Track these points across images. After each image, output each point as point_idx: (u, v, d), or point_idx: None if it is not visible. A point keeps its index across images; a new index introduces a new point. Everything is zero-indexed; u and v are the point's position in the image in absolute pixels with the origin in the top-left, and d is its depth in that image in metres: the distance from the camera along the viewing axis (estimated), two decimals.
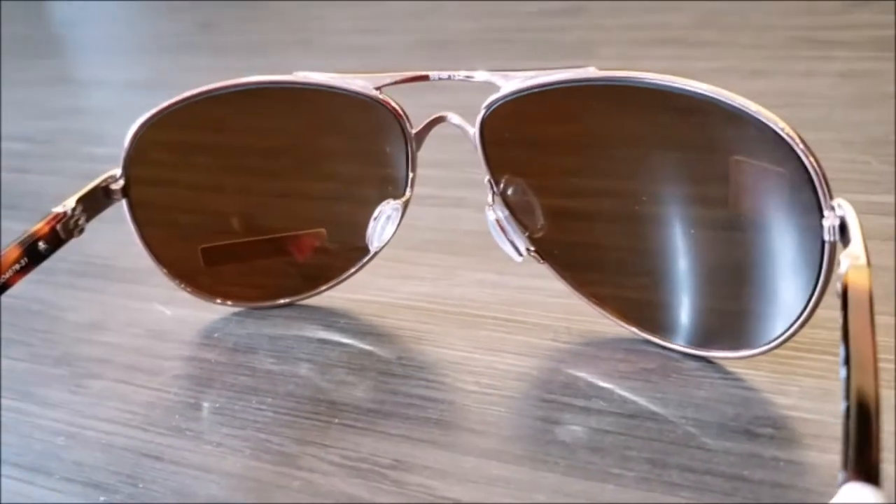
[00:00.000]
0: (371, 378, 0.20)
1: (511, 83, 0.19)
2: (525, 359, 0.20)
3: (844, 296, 0.14)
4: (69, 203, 0.21)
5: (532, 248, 0.20)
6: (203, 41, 0.60)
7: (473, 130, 0.20)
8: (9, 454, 0.20)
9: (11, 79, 0.57)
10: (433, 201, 0.27)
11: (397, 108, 0.20)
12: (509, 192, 0.20)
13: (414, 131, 0.20)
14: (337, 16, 0.58)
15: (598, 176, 0.19)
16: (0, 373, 0.22)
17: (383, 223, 0.21)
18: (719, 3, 0.43)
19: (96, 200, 0.22)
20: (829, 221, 0.16)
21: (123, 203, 0.22)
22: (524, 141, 0.20)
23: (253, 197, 0.22)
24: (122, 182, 0.22)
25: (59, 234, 0.21)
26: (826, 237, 0.16)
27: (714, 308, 0.19)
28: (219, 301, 0.23)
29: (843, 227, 0.16)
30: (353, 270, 0.22)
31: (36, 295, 0.26)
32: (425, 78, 0.20)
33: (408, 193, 0.21)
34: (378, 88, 0.20)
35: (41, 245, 0.20)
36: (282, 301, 0.23)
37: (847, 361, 0.13)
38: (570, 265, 0.20)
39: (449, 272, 0.24)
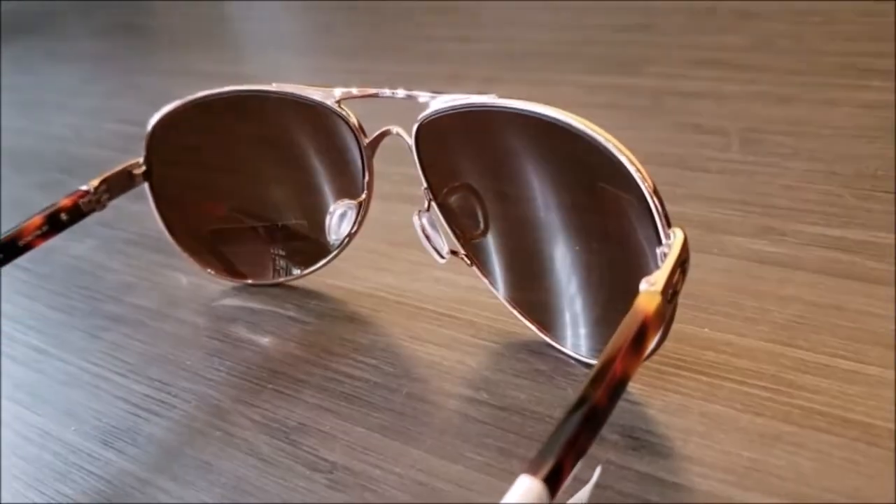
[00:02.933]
0: (314, 353, 0.23)
1: (435, 103, 0.21)
2: (443, 350, 0.23)
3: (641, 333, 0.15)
4: (93, 182, 0.26)
5: (462, 252, 0.23)
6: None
7: (410, 142, 0.22)
8: (14, 389, 0.25)
9: (133, 67, 0.64)
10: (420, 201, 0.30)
11: (353, 120, 0.23)
12: (446, 198, 0.23)
13: (367, 141, 0.23)
14: (434, 22, 0.62)
15: (504, 189, 0.21)
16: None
17: (338, 219, 0.24)
18: (782, 24, 0.42)
19: (121, 182, 0.26)
20: (661, 250, 0.17)
21: (146, 186, 0.27)
22: (448, 153, 0.22)
23: (244, 188, 0.26)
24: (143, 168, 0.26)
25: (81, 207, 0.25)
26: (655, 264, 0.17)
27: (596, 319, 0.20)
28: (217, 275, 0.27)
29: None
30: (324, 261, 0.26)
31: (93, 258, 0.31)
32: (375, 95, 0.23)
33: (364, 194, 0.24)
34: (339, 101, 0.23)
35: (63, 216, 0.25)
36: (271, 281, 0.27)
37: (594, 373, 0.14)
38: (490, 269, 0.23)
39: (415, 268, 0.26)
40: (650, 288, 0.16)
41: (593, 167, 0.19)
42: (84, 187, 0.25)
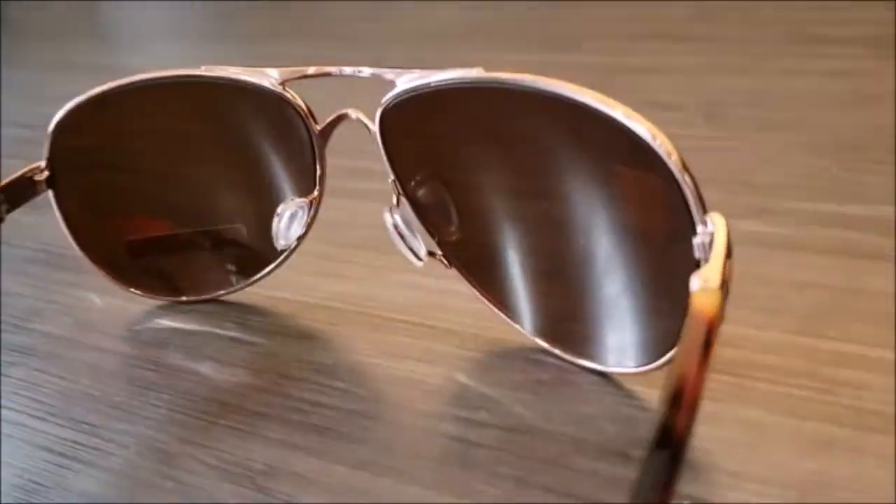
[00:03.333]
0: (268, 380, 0.20)
1: (404, 81, 0.18)
2: (425, 366, 0.20)
3: (689, 321, 0.13)
4: None
5: (438, 253, 0.20)
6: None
7: (374, 128, 0.19)
8: None
9: (12, 61, 0.58)
10: (375, 196, 0.27)
11: (301, 104, 0.20)
12: (417, 192, 0.20)
13: (318, 128, 0.20)
14: (343, 5, 0.58)
15: (493, 178, 0.19)
16: None
17: (287, 221, 0.21)
18: None
19: (20, 191, 0.22)
20: (700, 239, 0.15)
21: (50, 194, 0.23)
22: (422, 140, 0.19)
23: (169, 190, 0.22)
24: (46, 173, 0.22)
25: None
26: (697, 255, 0.15)
27: (609, 322, 0.18)
28: (143, 293, 0.24)
29: (712, 245, 0.15)
30: (268, 269, 0.22)
31: None
32: (328, 74, 0.20)
33: (316, 191, 0.21)
34: (283, 84, 0.20)
35: None
36: (204, 297, 0.23)
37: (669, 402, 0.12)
38: (476, 271, 0.20)
39: (374, 272, 0.23)
40: (706, 285, 0.14)
41: (607, 147, 0.16)
42: None
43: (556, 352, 0.19)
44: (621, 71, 0.32)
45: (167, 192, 0.22)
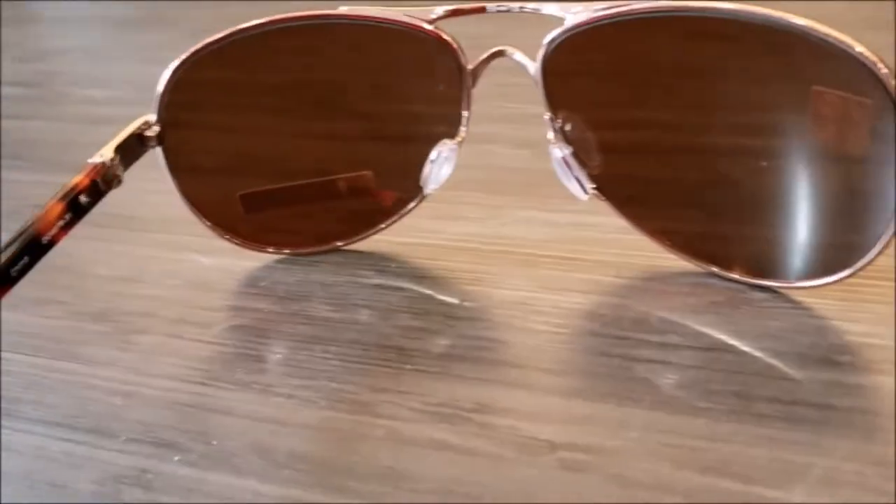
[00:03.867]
0: (436, 322, 0.20)
1: (575, 16, 0.18)
2: (591, 296, 0.20)
3: None
4: (106, 153, 0.20)
5: (594, 186, 0.20)
6: None
7: (535, 66, 0.19)
8: (63, 417, 0.19)
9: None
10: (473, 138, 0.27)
11: (452, 42, 0.19)
12: (568, 128, 0.20)
13: (470, 67, 0.20)
14: None
15: (665, 110, 0.19)
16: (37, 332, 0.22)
17: (440, 164, 0.20)
18: None
19: (132, 148, 0.21)
20: None
21: (158, 150, 0.21)
22: (588, 76, 0.19)
23: (298, 140, 0.22)
24: (157, 129, 0.21)
25: (100, 185, 0.20)
26: None
27: (784, 239, 0.19)
28: (264, 249, 0.23)
29: None
30: (403, 212, 0.22)
31: (56, 250, 0.25)
32: (482, 10, 0.19)
33: (463, 133, 0.20)
34: (431, 22, 0.19)
35: (83, 198, 0.19)
36: (327, 247, 0.23)
37: None
38: (632, 201, 0.20)
39: (494, 211, 0.24)
40: None
41: (811, 71, 0.17)
42: (96, 159, 0.20)
43: (723, 273, 0.20)
44: None
45: (287, 143, 0.22)
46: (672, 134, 0.19)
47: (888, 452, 0.15)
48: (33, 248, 0.18)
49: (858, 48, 0.16)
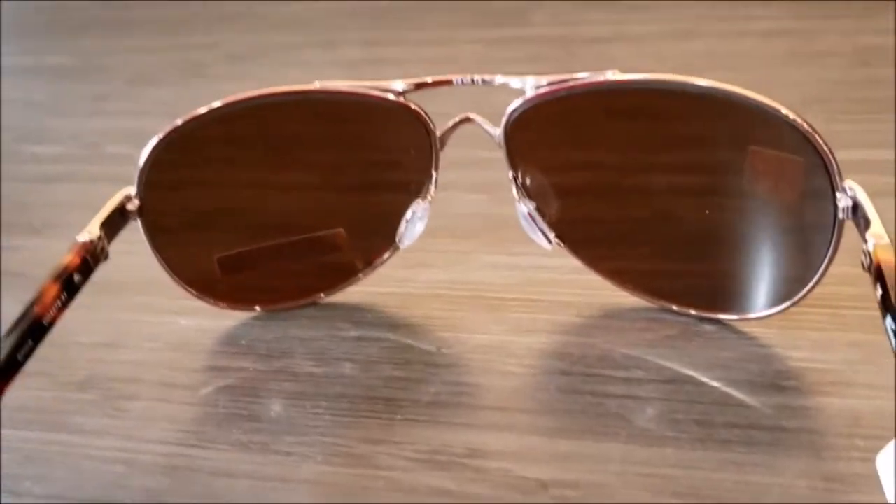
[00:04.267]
0: (418, 371, 0.22)
1: (533, 88, 0.20)
2: (557, 337, 0.22)
3: (879, 271, 0.16)
4: (93, 230, 0.21)
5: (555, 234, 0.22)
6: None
7: (499, 132, 0.21)
8: (66, 490, 0.20)
9: None
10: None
11: (420, 111, 0.21)
12: (528, 183, 0.22)
13: (439, 133, 0.21)
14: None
15: (615, 165, 0.21)
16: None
17: (414, 222, 0.22)
18: None
19: (115, 223, 0.22)
20: (843, 202, 0.18)
21: (139, 222, 0.22)
22: (545, 140, 0.21)
23: (275, 205, 0.23)
24: (137, 202, 0.22)
25: (90, 262, 0.21)
26: (840, 216, 0.18)
27: (729, 275, 0.21)
28: (242, 307, 0.24)
29: (856, 207, 0.18)
30: (377, 265, 0.23)
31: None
32: (448, 83, 0.21)
33: (432, 192, 0.22)
34: (399, 94, 0.21)
35: (76, 277, 0.20)
36: (303, 301, 0.24)
37: None
38: (588, 245, 0.22)
39: (460, 257, 0.25)
40: (880, 242, 0.17)
41: (742, 130, 0.19)
42: (83, 237, 0.21)
43: (675, 308, 0.22)
44: (579, 41, 0.35)
45: (265, 209, 0.23)
46: (622, 185, 0.21)
47: (837, 467, 0.18)
48: (35, 331, 0.19)
49: (785, 111, 0.18)
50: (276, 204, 0.23)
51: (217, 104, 0.21)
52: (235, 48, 0.40)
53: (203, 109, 0.21)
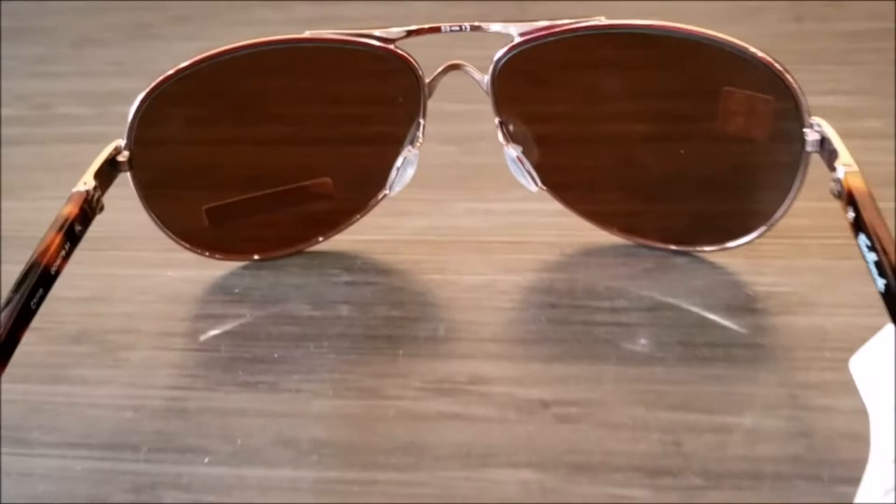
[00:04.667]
0: (414, 310, 0.23)
1: (522, 34, 0.21)
2: (543, 274, 0.23)
3: (850, 196, 0.18)
4: (88, 181, 0.21)
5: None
6: None
7: (486, 78, 0.22)
8: (77, 437, 0.20)
9: None
10: None
11: (410, 58, 0.22)
12: (512, 129, 0.23)
13: (427, 80, 0.22)
14: None
15: (596, 110, 0.22)
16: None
17: (405, 168, 0.23)
18: None
19: (106, 174, 0.22)
20: (811, 137, 0.20)
21: (128, 174, 0.22)
22: (531, 86, 0.22)
23: (264, 154, 0.23)
24: (126, 153, 0.22)
25: (87, 212, 0.21)
26: (808, 149, 0.20)
27: (702, 211, 0.23)
28: (232, 257, 0.24)
29: (823, 141, 0.20)
30: (364, 213, 0.24)
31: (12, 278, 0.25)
32: (437, 30, 0.22)
33: (420, 139, 0.23)
34: (390, 41, 0.22)
35: (76, 227, 0.20)
36: (291, 250, 0.24)
37: (873, 247, 0.17)
38: (569, 188, 0.23)
39: (440, 206, 0.26)
40: (850, 169, 0.19)
41: (717, 72, 0.20)
42: (80, 188, 0.21)
43: (650, 244, 0.23)
44: None
45: (254, 158, 0.23)
46: (602, 129, 0.23)
47: (810, 377, 0.19)
48: (44, 279, 0.19)
49: (760, 53, 0.20)
50: (265, 155, 0.23)
51: (205, 55, 0.21)
52: (183, 9, 0.40)
53: (190, 61, 0.21)
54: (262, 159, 0.23)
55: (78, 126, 0.32)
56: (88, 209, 0.21)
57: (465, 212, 0.26)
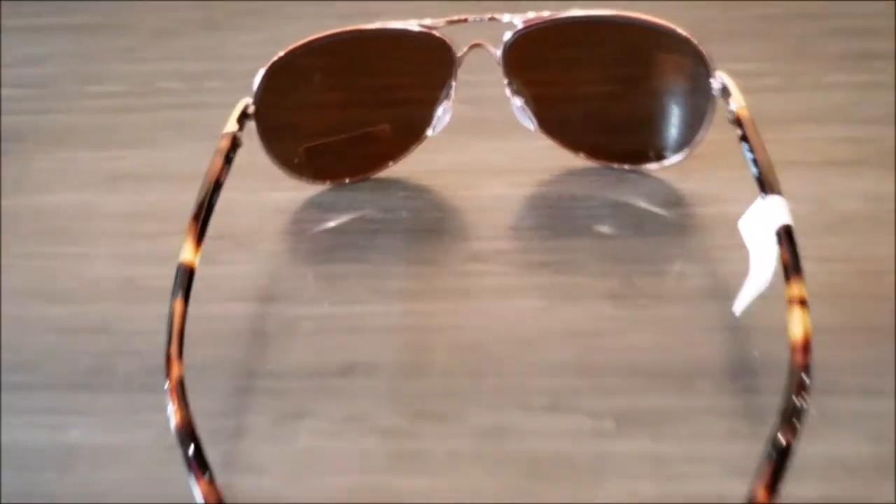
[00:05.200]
0: (450, 212, 0.33)
1: (524, 22, 0.31)
2: (542, 187, 0.34)
3: (738, 120, 0.28)
4: (232, 124, 0.31)
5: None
6: None
7: (498, 52, 0.32)
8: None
9: None
10: None
11: (448, 41, 0.32)
12: (516, 88, 0.33)
13: (459, 55, 0.32)
14: None
15: (579, 74, 0.33)
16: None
17: (443, 115, 0.33)
18: None
19: (240, 122, 0.32)
20: (716, 85, 0.30)
21: (253, 124, 0.32)
22: (531, 57, 0.32)
23: (347, 111, 0.33)
24: (253, 108, 0.32)
25: (235, 145, 0.31)
26: (714, 94, 0.31)
27: (645, 141, 0.33)
28: (323, 182, 0.34)
29: (725, 89, 0.30)
30: (411, 150, 0.34)
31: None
32: (465, 21, 0.32)
33: (453, 96, 0.33)
34: (433, 28, 0.32)
35: (231, 155, 0.30)
36: (375, 172, 0.35)
37: (751, 150, 0.27)
38: (557, 128, 0.34)
39: (464, 146, 0.36)
40: (739, 104, 0.29)
41: (652, 44, 0.31)
42: (229, 129, 0.31)
43: (611, 165, 0.34)
44: None
45: (340, 114, 0.33)
46: (579, 86, 0.33)
47: (717, 239, 0.30)
48: (216, 188, 0.29)
49: (679, 30, 0.30)
50: (348, 109, 0.33)
51: (309, 39, 0.31)
52: (241, 7, 0.49)
53: (296, 44, 0.31)
54: (346, 112, 0.33)
55: (178, 97, 0.42)
56: (235, 143, 0.31)
57: (489, 150, 0.36)
